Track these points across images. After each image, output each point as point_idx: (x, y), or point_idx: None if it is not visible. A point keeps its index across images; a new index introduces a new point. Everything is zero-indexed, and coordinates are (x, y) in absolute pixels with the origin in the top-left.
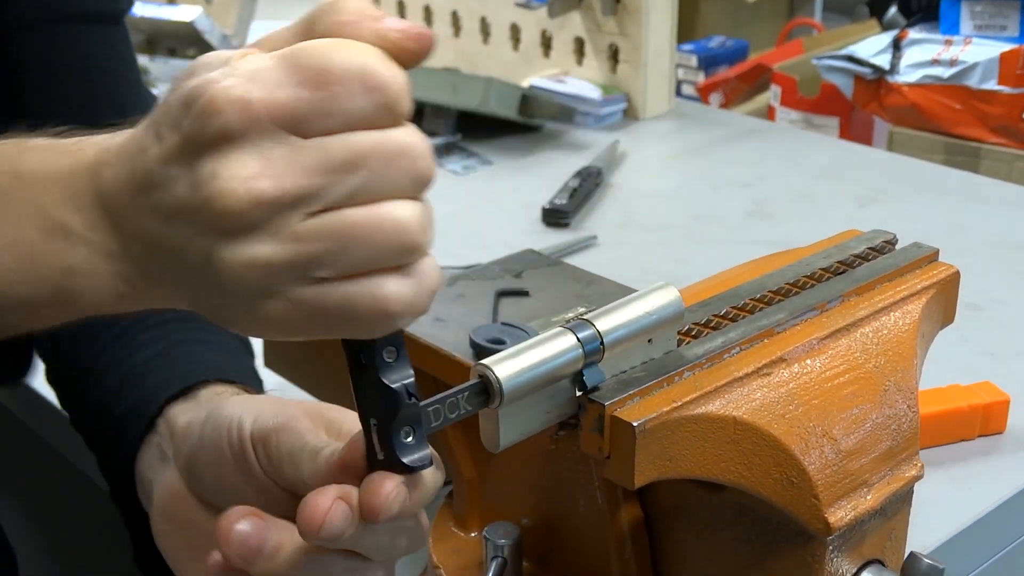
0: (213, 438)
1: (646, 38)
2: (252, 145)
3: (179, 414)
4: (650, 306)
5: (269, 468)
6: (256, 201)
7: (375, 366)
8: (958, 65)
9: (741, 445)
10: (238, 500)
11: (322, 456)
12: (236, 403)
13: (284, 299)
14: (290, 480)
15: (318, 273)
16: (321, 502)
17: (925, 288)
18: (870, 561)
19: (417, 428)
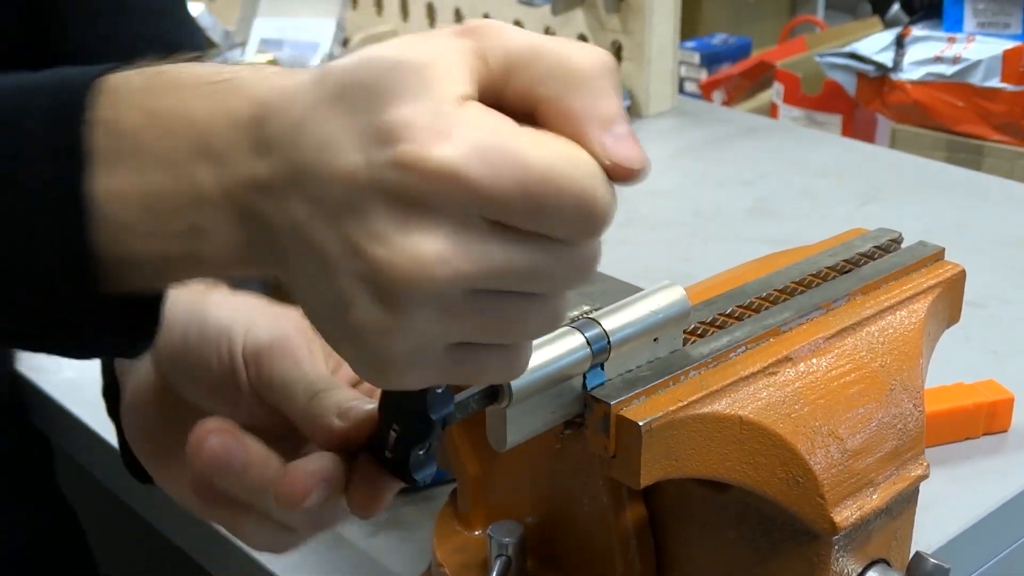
0: (199, 344)
1: (649, 36)
2: (447, 222)
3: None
4: (656, 305)
5: (259, 387)
6: (430, 282)
7: (425, 395)
8: (961, 63)
9: (747, 444)
10: (218, 406)
11: (318, 400)
12: (225, 309)
13: (421, 364)
14: (279, 405)
15: (460, 340)
16: (307, 478)
17: (931, 287)
18: (875, 561)
19: (432, 445)
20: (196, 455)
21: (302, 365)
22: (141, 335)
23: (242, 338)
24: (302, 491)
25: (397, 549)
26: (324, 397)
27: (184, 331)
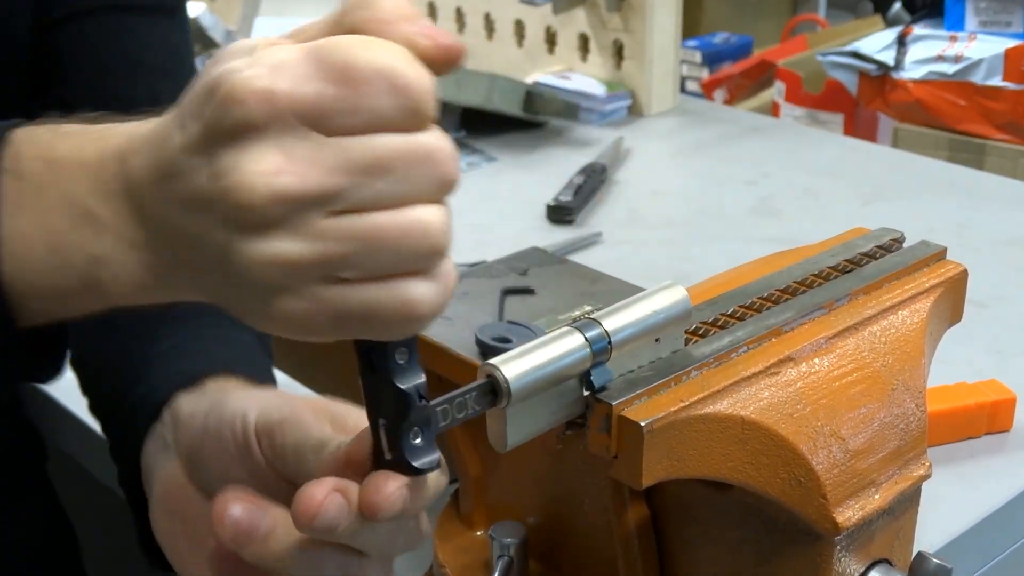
0: (216, 429)
1: (650, 34)
2: (274, 138)
3: (184, 404)
4: (658, 305)
5: (273, 460)
6: (276, 197)
7: (387, 368)
8: (963, 61)
9: (749, 445)
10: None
11: (327, 450)
12: (241, 395)
13: (305, 298)
14: (293, 473)
15: (342, 274)
16: (316, 492)
17: (933, 287)
18: (878, 561)
19: (426, 430)
20: (219, 525)
21: (312, 432)
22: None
23: (255, 416)
24: (318, 502)
25: None
26: (328, 449)
27: (205, 419)
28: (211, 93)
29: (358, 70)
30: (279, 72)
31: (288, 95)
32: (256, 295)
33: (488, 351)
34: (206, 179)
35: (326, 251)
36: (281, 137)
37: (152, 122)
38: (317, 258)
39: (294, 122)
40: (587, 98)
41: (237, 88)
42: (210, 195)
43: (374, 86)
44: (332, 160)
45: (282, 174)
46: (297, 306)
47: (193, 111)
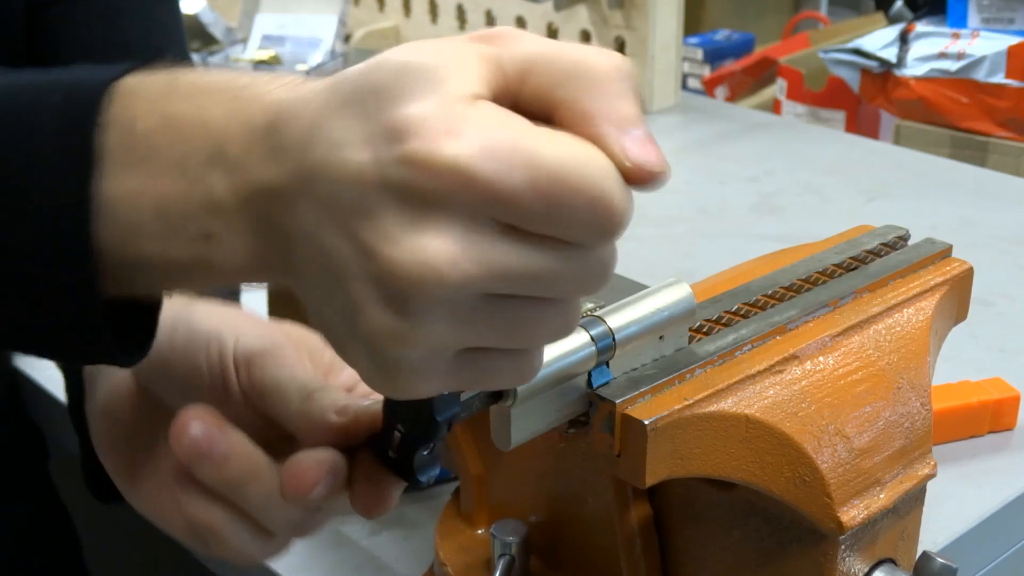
0: (187, 349)
1: (652, 31)
2: (456, 221)
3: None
4: (662, 303)
5: (250, 393)
6: (441, 283)
7: (431, 398)
8: (966, 58)
9: (753, 443)
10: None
11: (314, 403)
12: (213, 316)
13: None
14: (271, 409)
15: (470, 346)
16: (313, 469)
17: (938, 284)
18: (882, 560)
19: (436, 446)
20: (177, 441)
21: (295, 369)
22: (137, 344)
23: (232, 342)
24: (311, 481)
25: (400, 548)
26: (318, 397)
27: (170, 335)
28: (394, 137)
29: (567, 184)
30: (486, 155)
31: (486, 186)
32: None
33: None
34: (369, 231)
35: (469, 332)
36: (464, 221)
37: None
38: (457, 339)
39: (484, 212)
40: None
41: (441, 151)
42: (366, 248)
43: (577, 207)
44: (507, 257)
45: (454, 264)
46: (420, 373)
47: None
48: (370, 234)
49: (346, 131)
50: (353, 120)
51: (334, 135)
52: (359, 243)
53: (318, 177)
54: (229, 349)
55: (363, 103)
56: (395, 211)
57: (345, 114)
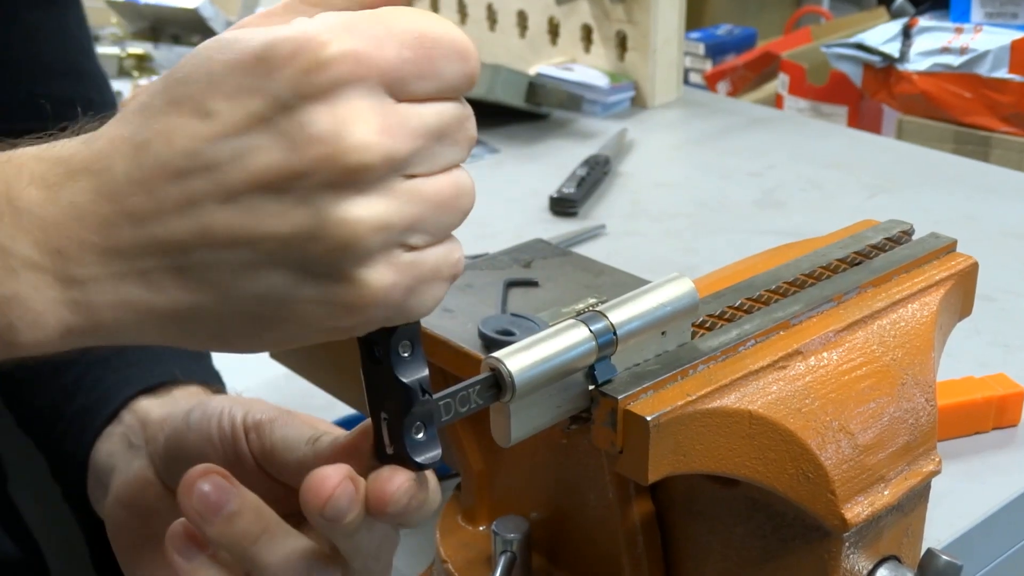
0: (200, 426)
1: (654, 26)
2: (366, 101)
3: (152, 408)
4: (664, 298)
5: (261, 455)
6: (386, 156)
7: (390, 361)
8: (968, 53)
9: (756, 440)
10: None
11: (322, 441)
12: (224, 398)
13: (387, 265)
14: (283, 466)
15: (414, 239)
16: (330, 477)
17: (943, 279)
18: (886, 557)
19: (429, 425)
20: (187, 497)
21: (301, 428)
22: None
23: (242, 414)
24: (331, 485)
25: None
26: (325, 439)
27: (187, 416)
28: (273, 62)
29: (431, 38)
30: (355, 35)
31: (374, 57)
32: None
33: (491, 344)
34: (282, 153)
35: (408, 213)
36: (371, 99)
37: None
38: (403, 219)
39: (378, 86)
40: (590, 89)
41: (323, 50)
42: (291, 169)
43: (446, 54)
44: (412, 124)
45: (385, 134)
46: (379, 276)
47: (230, 91)
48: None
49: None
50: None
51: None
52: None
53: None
54: (239, 419)
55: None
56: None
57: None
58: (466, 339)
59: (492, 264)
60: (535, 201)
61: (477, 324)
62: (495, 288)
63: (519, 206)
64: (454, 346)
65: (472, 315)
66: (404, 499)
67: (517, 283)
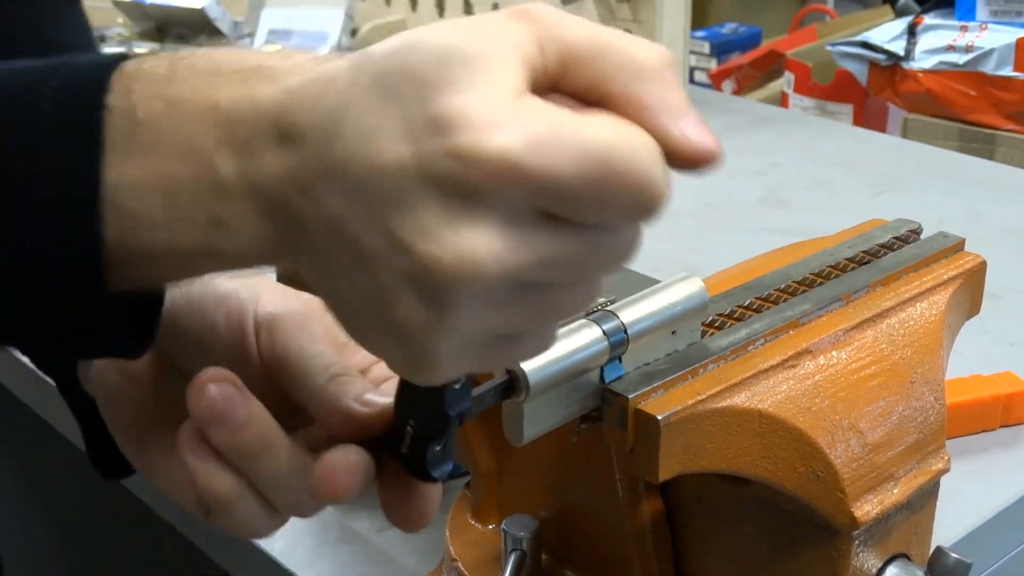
0: (204, 306)
1: (660, 25)
2: (501, 215)
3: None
4: (674, 297)
5: (270, 360)
6: (482, 279)
7: (442, 391)
8: (974, 51)
9: (766, 438)
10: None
11: (337, 384)
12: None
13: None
14: (291, 380)
15: (501, 332)
16: (344, 470)
17: (952, 278)
18: (896, 556)
19: (448, 441)
20: (195, 401)
21: (320, 343)
22: (141, 335)
23: (253, 304)
24: (345, 484)
25: (410, 543)
26: (343, 382)
27: (186, 289)
28: (441, 128)
29: (614, 172)
30: (534, 146)
31: (535, 178)
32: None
33: None
34: (405, 224)
35: (500, 319)
36: (507, 214)
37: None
38: (487, 328)
39: (526, 202)
40: None
41: (485, 155)
42: (401, 242)
43: (621, 193)
44: (545, 247)
45: (496, 260)
46: (451, 361)
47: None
48: (406, 228)
49: (380, 119)
50: (388, 109)
51: (366, 124)
52: (393, 236)
53: (345, 167)
54: (249, 311)
55: (397, 90)
56: (436, 205)
57: (376, 101)
58: None
59: None
60: None
61: None
62: None
63: None
64: None
65: None
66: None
67: None
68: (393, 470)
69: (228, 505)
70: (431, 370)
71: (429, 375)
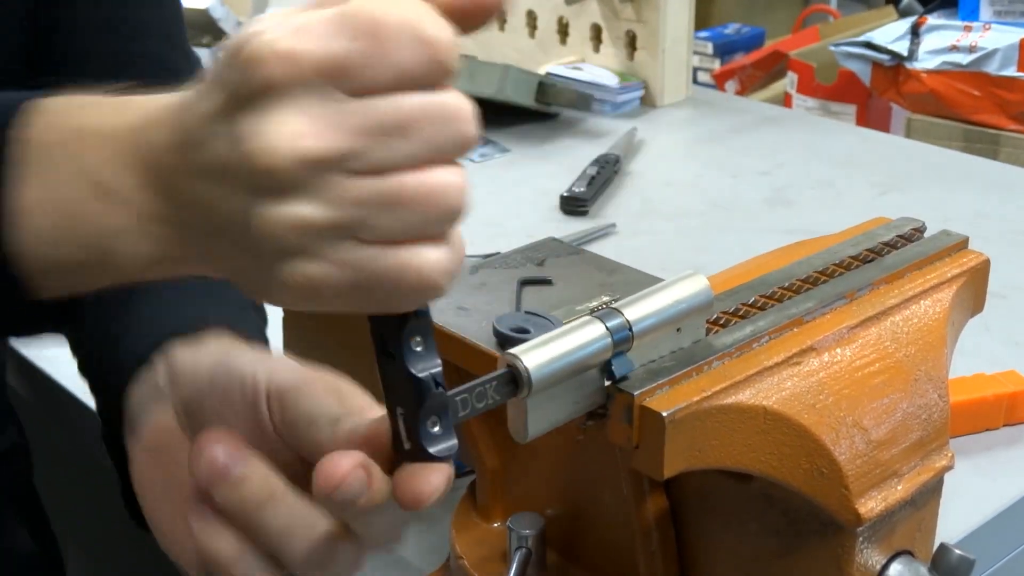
0: (223, 386)
1: (664, 25)
2: (297, 100)
3: (181, 353)
4: (679, 295)
5: (282, 427)
6: (299, 159)
7: (402, 355)
8: (977, 51)
9: (771, 435)
10: None
11: (343, 426)
12: (249, 355)
13: (321, 261)
14: (303, 442)
15: (360, 237)
16: (342, 462)
17: (955, 276)
18: (900, 552)
19: (444, 417)
20: (196, 461)
21: (324, 403)
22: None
23: (266, 377)
24: (342, 471)
25: (416, 541)
26: (347, 422)
27: (211, 373)
28: (234, 58)
29: (382, 25)
30: (303, 32)
31: (310, 53)
32: (271, 261)
33: (506, 342)
34: (227, 146)
35: (345, 213)
36: (304, 98)
37: (174, 95)
38: (336, 220)
39: (318, 82)
40: (600, 89)
41: (260, 49)
42: (231, 161)
43: (398, 40)
44: (355, 120)
45: (304, 136)
46: (312, 270)
47: (216, 79)
48: (233, 147)
49: (204, 86)
50: (210, 75)
51: (196, 94)
52: (228, 161)
53: (190, 130)
54: (262, 384)
55: (215, 60)
56: (246, 115)
57: (204, 77)
58: (481, 337)
59: (505, 263)
60: (546, 200)
61: (492, 322)
62: (509, 286)
63: (530, 205)
64: (469, 344)
65: (487, 313)
66: (436, 496)
67: (531, 281)
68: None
69: (229, 566)
70: (295, 279)
71: (297, 286)
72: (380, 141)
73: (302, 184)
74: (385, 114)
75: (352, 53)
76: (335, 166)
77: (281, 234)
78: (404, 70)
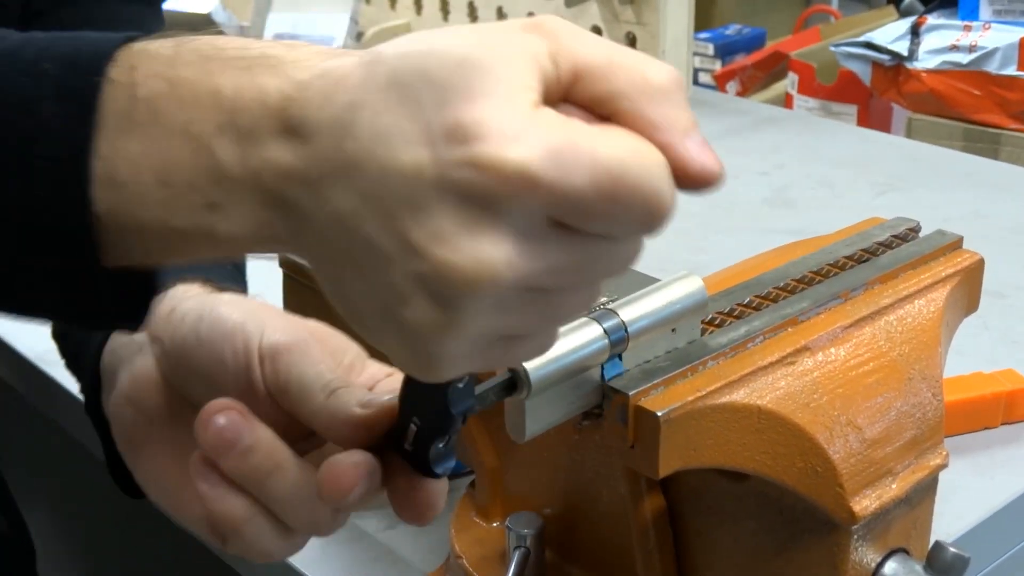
0: (212, 340)
1: (664, 27)
2: (516, 224)
3: (157, 301)
4: (674, 295)
5: (274, 388)
6: (495, 285)
7: (446, 389)
8: (977, 51)
9: (765, 434)
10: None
11: (339, 397)
12: (237, 308)
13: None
14: (294, 405)
15: (507, 334)
16: (351, 470)
17: (949, 276)
18: (895, 550)
19: (452, 438)
20: (203, 431)
21: (319, 365)
22: (135, 311)
23: (258, 336)
24: (349, 482)
25: (415, 541)
26: (343, 393)
27: (195, 325)
28: (457, 137)
29: (626, 186)
30: (550, 158)
31: (550, 189)
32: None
33: None
34: (413, 226)
35: (506, 324)
36: (521, 223)
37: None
38: (495, 330)
39: (540, 213)
40: None
41: (504, 165)
42: (415, 246)
43: (630, 202)
44: (553, 257)
45: (509, 267)
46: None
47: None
48: (421, 232)
49: (398, 122)
50: (406, 111)
51: (382, 124)
52: (407, 239)
53: (361, 166)
54: (254, 342)
55: (417, 94)
56: (453, 212)
57: (393, 103)
58: None
59: None
60: None
61: None
62: None
63: None
64: None
65: None
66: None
67: None
68: (400, 468)
69: (241, 528)
70: (437, 369)
71: (435, 373)
72: (568, 277)
73: (482, 304)
74: (581, 255)
75: (586, 198)
76: (514, 291)
77: (428, 336)
78: (619, 227)
